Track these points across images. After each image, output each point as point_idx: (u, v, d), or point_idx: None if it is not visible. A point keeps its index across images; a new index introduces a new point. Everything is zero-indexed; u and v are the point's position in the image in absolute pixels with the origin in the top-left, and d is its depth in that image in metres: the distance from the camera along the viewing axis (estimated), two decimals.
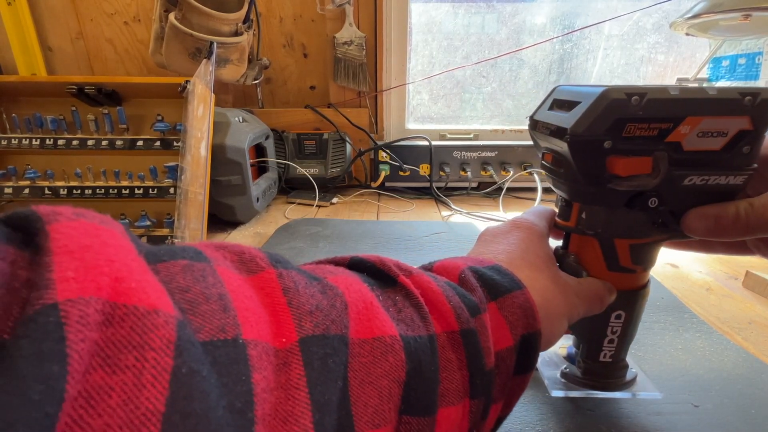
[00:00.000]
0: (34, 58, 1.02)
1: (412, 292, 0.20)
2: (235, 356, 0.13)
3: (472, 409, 0.19)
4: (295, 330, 0.15)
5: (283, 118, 1.04)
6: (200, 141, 0.68)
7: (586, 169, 0.23)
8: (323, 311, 0.16)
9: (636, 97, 0.21)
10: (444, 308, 0.20)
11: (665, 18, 1.04)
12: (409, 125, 1.13)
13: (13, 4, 0.98)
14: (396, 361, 0.17)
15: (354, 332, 0.17)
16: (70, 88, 0.76)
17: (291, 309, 0.15)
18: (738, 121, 0.22)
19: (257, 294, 0.15)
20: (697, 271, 0.61)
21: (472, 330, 0.19)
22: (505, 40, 1.10)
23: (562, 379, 0.34)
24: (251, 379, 0.13)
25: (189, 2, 0.76)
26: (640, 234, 0.26)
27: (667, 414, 0.34)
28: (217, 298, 0.14)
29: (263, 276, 0.16)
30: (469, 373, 0.19)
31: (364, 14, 1.00)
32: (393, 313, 0.19)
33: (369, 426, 0.16)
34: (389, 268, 0.20)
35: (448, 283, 0.21)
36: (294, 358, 0.14)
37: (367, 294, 0.18)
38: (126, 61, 1.07)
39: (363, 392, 0.16)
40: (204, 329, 0.13)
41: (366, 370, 0.16)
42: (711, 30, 0.83)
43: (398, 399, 0.17)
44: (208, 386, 0.11)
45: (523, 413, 0.34)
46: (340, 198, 0.95)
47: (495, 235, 0.28)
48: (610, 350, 0.31)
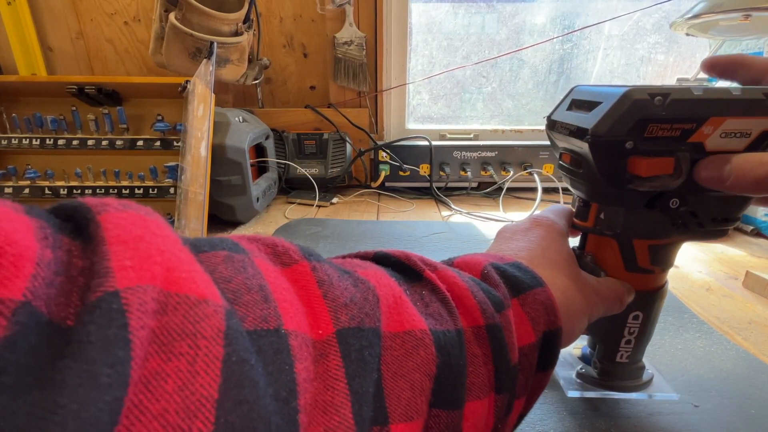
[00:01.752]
0: (34, 58, 1.03)
1: (439, 286, 0.20)
2: (279, 346, 0.13)
3: (497, 404, 0.20)
4: (331, 322, 0.15)
5: (283, 118, 1.04)
6: (200, 141, 0.68)
7: (607, 170, 0.23)
8: (357, 304, 0.16)
9: (659, 98, 0.21)
10: (470, 303, 0.20)
11: (665, 18, 1.04)
12: (409, 125, 1.13)
13: (13, 4, 0.98)
14: (427, 355, 0.17)
15: (386, 326, 0.17)
16: (70, 88, 0.76)
17: (326, 301, 0.16)
18: (762, 121, 0.21)
19: (293, 286, 0.16)
20: (697, 271, 0.61)
21: (497, 325, 0.20)
22: (505, 40, 1.10)
23: (578, 379, 0.34)
24: (294, 369, 0.13)
25: (189, 2, 0.76)
26: (659, 235, 0.26)
27: (667, 414, 0.34)
28: (258, 288, 0.14)
29: (297, 269, 0.16)
30: (495, 367, 0.19)
31: (364, 14, 1.00)
32: (421, 307, 0.19)
33: (402, 418, 0.16)
34: (414, 263, 0.21)
35: (473, 279, 0.21)
36: (332, 350, 0.15)
37: (395, 288, 0.18)
38: (126, 61, 1.07)
39: (396, 385, 0.16)
40: (248, 319, 0.13)
41: (398, 363, 0.16)
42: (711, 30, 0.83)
43: (429, 392, 0.17)
44: (256, 375, 0.12)
45: None
46: (340, 198, 0.95)
47: (515, 233, 0.28)
48: (626, 351, 0.31)
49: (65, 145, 0.78)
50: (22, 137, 0.79)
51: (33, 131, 0.79)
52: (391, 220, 0.82)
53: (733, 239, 0.73)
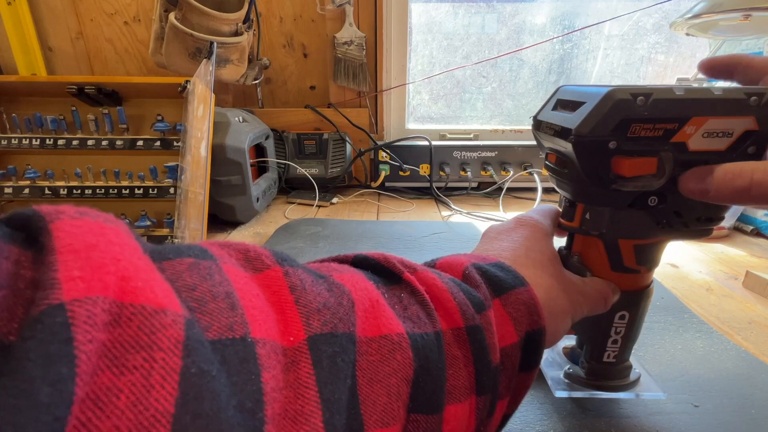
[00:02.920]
0: (34, 58, 1.03)
1: (418, 289, 0.20)
2: (245, 355, 0.13)
3: (479, 406, 0.19)
4: (303, 328, 0.15)
5: (283, 118, 1.04)
6: (200, 141, 0.68)
7: (591, 170, 0.23)
8: (331, 309, 0.16)
9: (641, 98, 0.21)
10: (449, 305, 0.19)
11: (665, 18, 1.04)
12: (409, 125, 1.13)
13: (13, 4, 0.98)
14: (404, 359, 0.17)
15: (361, 330, 0.17)
16: (70, 88, 0.76)
17: (298, 307, 0.15)
18: (743, 121, 0.22)
19: (264, 292, 0.15)
20: (697, 271, 0.61)
21: (477, 326, 0.20)
22: (505, 40, 1.10)
23: (566, 379, 0.34)
24: (261, 378, 0.13)
25: (189, 2, 0.76)
26: (644, 234, 0.26)
27: (667, 414, 0.34)
28: (225, 296, 0.13)
29: (269, 274, 0.16)
30: (476, 369, 0.19)
31: (364, 14, 1.00)
32: (399, 310, 0.19)
33: (378, 425, 0.16)
34: (393, 265, 0.20)
35: (453, 280, 0.21)
36: (302, 357, 0.14)
37: (373, 292, 0.18)
38: (126, 61, 1.07)
39: (372, 391, 0.16)
40: (212, 328, 0.13)
41: (374, 368, 0.16)
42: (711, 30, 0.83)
43: (407, 397, 0.17)
44: (218, 386, 0.11)
45: (523, 413, 0.34)
46: (340, 198, 0.95)
47: (499, 233, 0.28)
48: (613, 351, 0.31)
49: (65, 145, 0.78)
50: (22, 137, 0.79)
51: (33, 131, 0.79)
52: (391, 220, 0.82)
53: (733, 239, 0.73)
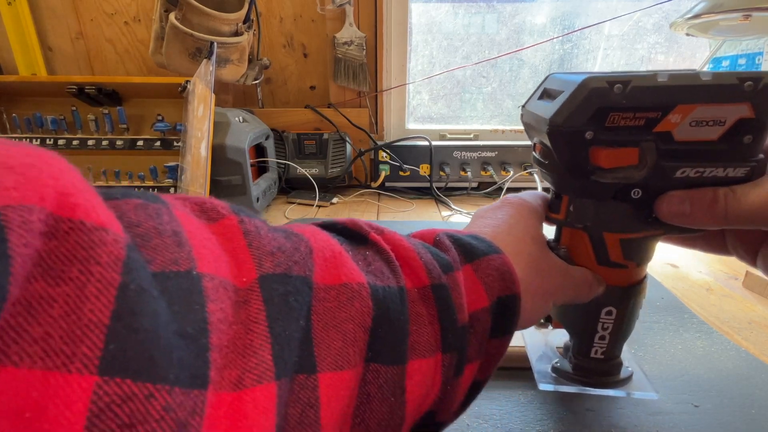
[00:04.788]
0: (34, 58, 1.03)
1: (383, 247, 0.20)
2: (188, 286, 0.12)
3: (444, 363, 0.19)
4: (255, 269, 0.15)
5: (283, 118, 1.04)
6: (200, 141, 0.68)
7: (569, 161, 0.23)
8: (285, 253, 0.16)
9: (619, 86, 0.20)
10: (415, 264, 0.19)
11: (665, 18, 1.04)
12: (409, 125, 1.13)
13: (13, 4, 0.98)
14: (362, 307, 0.17)
15: (319, 278, 0.16)
16: (70, 88, 0.76)
17: (251, 250, 0.15)
18: (737, 108, 0.20)
19: (217, 238, 0.15)
20: (697, 271, 0.61)
21: (443, 285, 0.19)
22: (505, 40, 1.10)
23: (553, 373, 0.33)
24: (206, 309, 0.13)
25: (189, 2, 0.76)
26: (630, 228, 0.25)
27: (667, 414, 0.34)
28: (172, 234, 0.13)
29: (224, 222, 0.15)
30: (441, 327, 0.19)
31: (364, 14, 1.00)
32: (362, 265, 0.18)
33: (332, 367, 0.16)
34: (360, 227, 0.20)
35: (422, 244, 0.21)
36: (253, 296, 0.14)
37: (335, 245, 0.18)
38: (126, 61, 1.07)
39: (326, 335, 0.16)
40: (155, 261, 0.12)
41: (331, 314, 0.16)
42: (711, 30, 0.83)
43: (363, 344, 0.17)
44: (157, 307, 0.11)
45: (523, 413, 0.34)
46: (340, 198, 0.95)
47: (486, 212, 0.28)
48: (601, 347, 0.30)
49: (65, 145, 0.78)
50: (22, 137, 0.79)
51: (33, 131, 0.79)
52: (391, 220, 0.82)
53: None
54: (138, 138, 0.79)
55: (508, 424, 0.33)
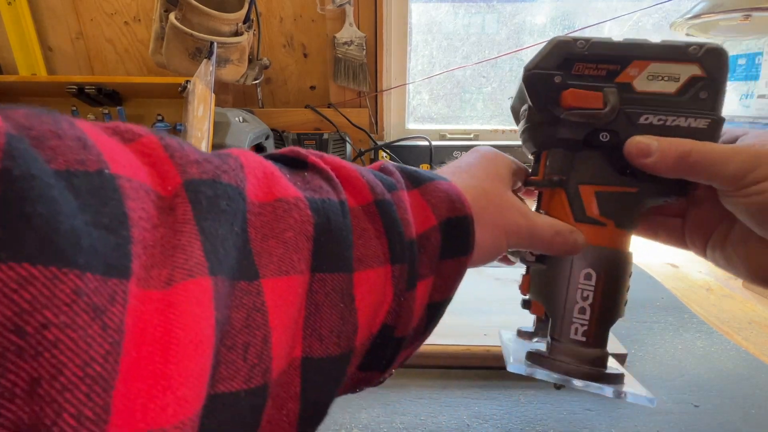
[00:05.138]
0: (34, 58, 1.02)
1: (323, 167, 0.19)
2: (101, 184, 0.11)
3: (394, 274, 0.19)
4: (179, 175, 0.14)
5: (283, 118, 1.04)
6: (200, 141, 0.68)
7: (541, 103, 0.25)
8: (213, 163, 0.15)
9: (582, 42, 0.24)
10: (358, 183, 0.20)
11: (665, 18, 1.04)
12: (409, 125, 1.13)
13: (13, 4, 0.98)
14: (301, 217, 0.16)
15: (252, 194, 0.16)
16: (71, 88, 0.76)
17: (173, 160, 0.14)
18: (687, 67, 0.23)
19: (135, 154, 0.14)
20: (697, 271, 0.61)
21: (387, 201, 0.20)
22: (505, 40, 1.10)
23: (528, 359, 0.29)
24: (124, 205, 0.12)
25: (189, 2, 0.76)
26: (604, 180, 0.26)
27: (667, 414, 0.34)
28: (75, 138, 0.12)
29: (142, 141, 0.14)
30: (388, 240, 0.19)
31: (364, 14, 1.00)
32: (300, 185, 0.18)
33: (276, 273, 0.15)
34: (298, 152, 0.20)
35: (366, 168, 0.21)
36: (179, 200, 0.13)
37: (268, 165, 0.18)
38: (126, 61, 1.07)
39: (266, 244, 0.15)
40: (56, 160, 0.11)
41: (269, 226, 0.16)
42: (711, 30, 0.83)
43: (308, 253, 0.17)
44: (57, 195, 0.10)
45: (523, 413, 0.34)
46: None
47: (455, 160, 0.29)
48: (582, 324, 0.26)
49: None
50: None
51: None
52: None
53: None
54: None
55: (508, 424, 0.33)
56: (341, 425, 0.33)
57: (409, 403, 0.35)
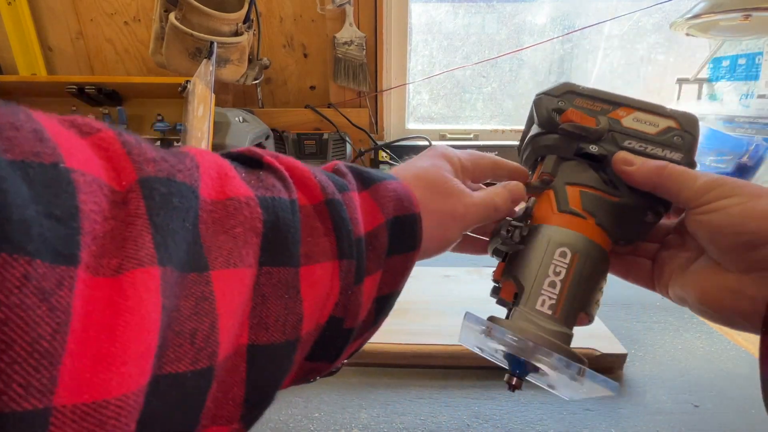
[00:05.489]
0: (34, 58, 1.02)
1: (277, 167, 0.20)
2: (54, 176, 0.12)
3: (342, 269, 0.20)
4: (135, 172, 0.14)
5: (283, 118, 1.04)
6: (200, 141, 0.68)
7: (544, 118, 0.30)
8: (169, 162, 0.15)
9: (584, 87, 0.30)
10: (310, 182, 0.21)
11: (665, 18, 1.04)
12: (409, 125, 1.13)
13: (13, 4, 0.98)
14: (251, 214, 0.17)
15: (205, 192, 0.16)
16: (70, 88, 0.76)
17: (131, 157, 0.14)
18: (665, 119, 0.29)
19: (92, 148, 0.14)
20: None
21: (337, 200, 0.21)
22: (505, 40, 1.10)
23: (486, 320, 0.26)
24: (77, 198, 0.12)
25: (189, 2, 0.76)
26: (589, 184, 0.29)
27: (667, 414, 0.34)
28: (31, 131, 0.12)
29: (100, 135, 0.15)
30: (336, 237, 0.20)
31: (364, 14, 1.00)
32: (254, 183, 0.19)
33: (224, 265, 0.16)
34: (254, 152, 0.21)
35: (320, 169, 0.23)
36: (133, 195, 0.14)
37: (224, 164, 0.18)
38: (126, 61, 1.07)
39: (216, 240, 0.16)
40: (12, 151, 0.11)
41: (219, 223, 0.17)
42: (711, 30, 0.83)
43: (257, 247, 0.17)
44: (11, 187, 0.11)
45: (523, 413, 0.34)
46: None
47: None
48: (551, 297, 0.26)
49: None
50: None
51: None
52: None
53: None
54: None
55: (508, 424, 0.33)
56: (341, 425, 0.33)
57: (409, 403, 0.35)
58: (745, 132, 0.79)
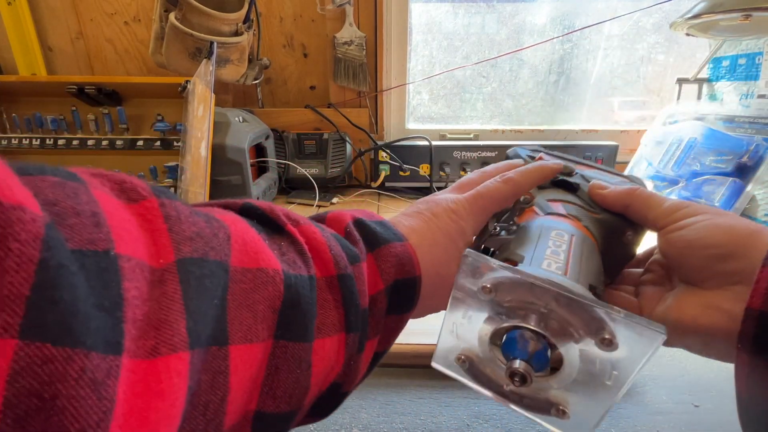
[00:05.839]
0: (34, 58, 1.03)
1: (298, 239, 0.21)
2: (106, 265, 0.13)
3: (348, 342, 0.21)
4: (173, 252, 0.15)
5: (283, 118, 1.04)
6: (200, 141, 0.68)
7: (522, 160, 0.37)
8: (204, 238, 0.17)
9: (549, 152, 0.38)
10: (326, 256, 0.22)
11: (665, 18, 1.04)
12: (409, 125, 1.13)
13: (13, 4, 0.98)
14: (274, 292, 0.19)
15: (237, 261, 0.18)
16: (70, 88, 0.76)
17: (171, 234, 0.16)
18: (618, 175, 0.35)
19: (137, 219, 0.15)
20: None
21: (348, 275, 0.22)
22: (505, 40, 1.10)
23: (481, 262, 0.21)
24: (121, 286, 0.13)
25: (189, 2, 0.76)
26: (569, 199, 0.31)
27: (667, 414, 0.34)
28: (90, 214, 0.13)
29: (144, 204, 0.16)
30: (345, 311, 0.21)
31: (364, 14, 1.00)
32: (277, 254, 0.20)
33: (242, 341, 0.17)
34: (278, 216, 0.22)
35: (334, 235, 0.23)
36: (170, 276, 0.15)
37: (252, 232, 0.20)
38: (126, 61, 1.07)
39: (239, 314, 0.17)
40: (73, 240, 0.12)
41: (245, 295, 0.18)
42: (711, 30, 0.83)
43: (272, 323, 0.19)
44: (76, 281, 0.12)
45: None
46: (340, 198, 0.95)
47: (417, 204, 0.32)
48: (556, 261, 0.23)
49: (65, 145, 0.78)
50: (22, 137, 0.79)
51: (33, 131, 0.79)
52: None
53: None
54: (138, 138, 0.79)
55: (508, 424, 0.33)
56: (341, 425, 0.33)
57: (409, 403, 0.35)
58: (745, 132, 0.79)
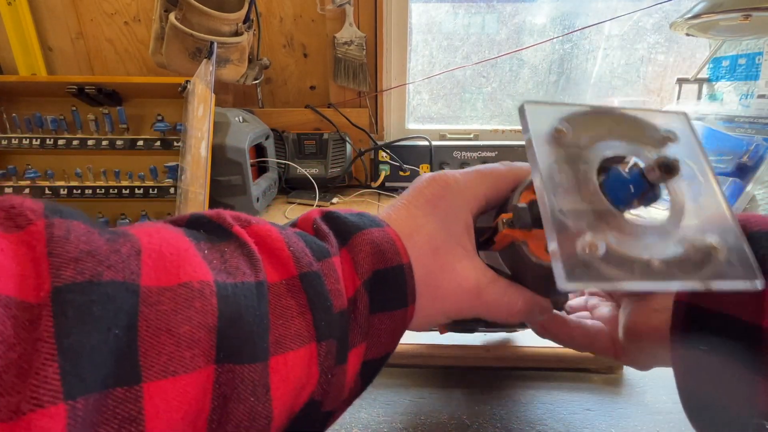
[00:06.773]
0: (34, 58, 1.03)
1: (246, 241, 0.19)
2: None
3: (320, 353, 0.18)
4: (49, 280, 0.13)
5: (283, 118, 1.04)
6: (200, 141, 0.68)
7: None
8: (96, 257, 0.14)
9: None
10: (283, 255, 0.19)
11: (665, 18, 1.04)
12: (409, 125, 1.13)
13: (13, 4, 0.98)
14: (204, 306, 0.16)
15: (150, 279, 0.15)
16: (70, 88, 0.76)
17: (51, 259, 0.13)
18: None
19: (16, 249, 0.13)
20: None
21: (314, 273, 0.19)
22: (505, 40, 1.10)
23: None
24: None
25: (189, 2, 0.76)
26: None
27: (667, 414, 0.34)
28: None
29: (30, 229, 0.14)
30: (313, 316, 0.18)
31: (364, 14, 1.00)
32: (216, 264, 0.17)
33: (161, 374, 0.14)
34: (224, 219, 0.19)
35: (298, 233, 0.20)
36: (44, 311, 0.12)
37: (181, 243, 0.17)
38: (126, 61, 1.07)
39: (156, 341, 0.14)
40: None
41: (164, 318, 0.15)
42: (711, 30, 0.83)
43: (209, 345, 0.15)
44: None
45: (523, 413, 0.34)
46: (340, 198, 0.95)
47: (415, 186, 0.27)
48: None
49: (65, 145, 0.78)
50: (22, 137, 0.79)
51: (33, 131, 0.79)
52: None
53: None
54: (138, 138, 0.79)
55: (508, 424, 0.33)
56: (341, 425, 0.33)
57: (409, 403, 0.35)
58: (745, 132, 0.79)
